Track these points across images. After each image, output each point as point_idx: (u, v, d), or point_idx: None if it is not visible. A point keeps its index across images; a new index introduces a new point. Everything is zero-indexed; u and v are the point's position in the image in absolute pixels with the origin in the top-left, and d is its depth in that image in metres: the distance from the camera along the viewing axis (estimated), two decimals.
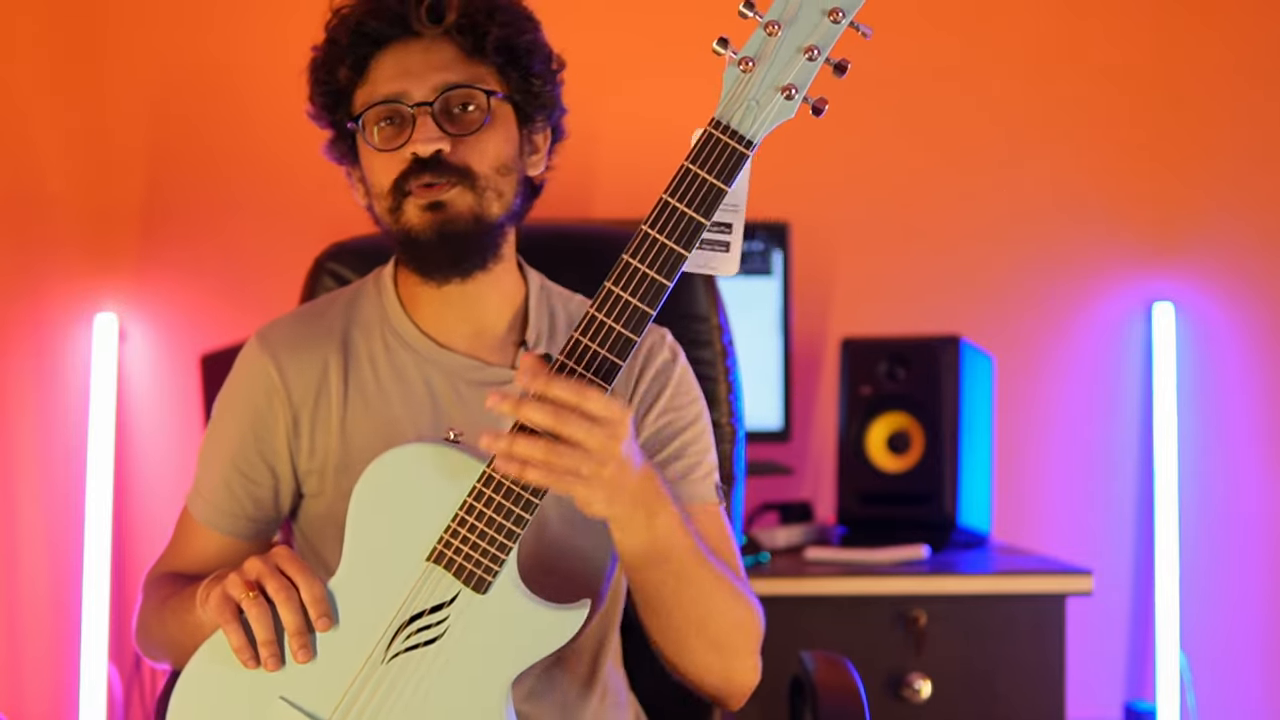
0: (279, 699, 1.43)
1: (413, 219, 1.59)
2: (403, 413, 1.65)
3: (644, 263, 1.36)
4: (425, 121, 1.58)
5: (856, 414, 2.80)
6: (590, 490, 1.37)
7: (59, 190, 3.05)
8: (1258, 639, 3.15)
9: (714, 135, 1.37)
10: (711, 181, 1.37)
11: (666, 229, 1.36)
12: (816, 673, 1.76)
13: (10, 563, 3.02)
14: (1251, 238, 3.18)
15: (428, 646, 1.41)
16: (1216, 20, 3.18)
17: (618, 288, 1.36)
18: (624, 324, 1.35)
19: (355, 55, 1.62)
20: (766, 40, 1.36)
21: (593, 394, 1.33)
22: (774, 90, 1.36)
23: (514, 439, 1.33)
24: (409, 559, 1.41)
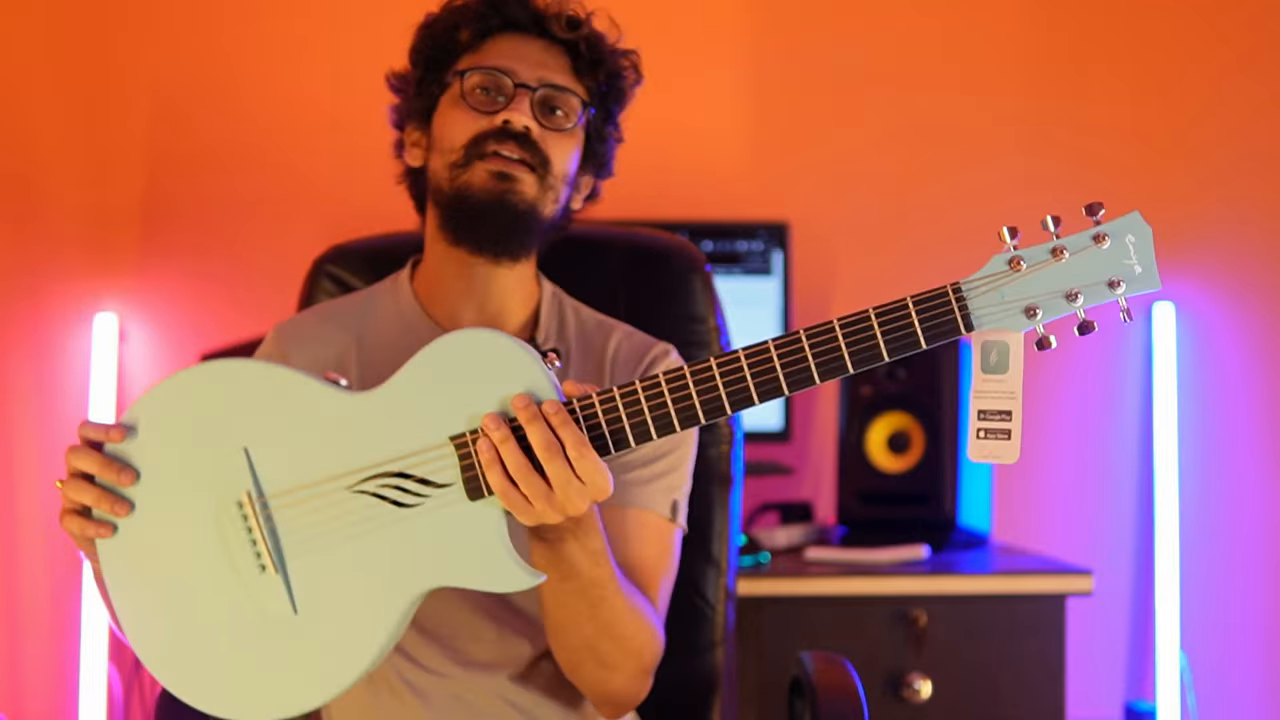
0: (242, 449, 1.43)
1: (477, 180, 1.63)
2: None
3: (812, 350, 1.33)
4: (524, 100, 1.65)
5: (856, 414, 2.80)
6: (528, 519, 1.38)
7: (59, 190, 3.05)
8: (1258, 639, 3.15)
9: (948, 296, 1.33)
10: (916, 330, 1.32)
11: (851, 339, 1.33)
12: (816, 673, 1.76)
13: (10, 563, 3.02)
14: (1251, 238, 3.18)
15: (392, 506, 1.40)
16: (1217, 19, 3.18)
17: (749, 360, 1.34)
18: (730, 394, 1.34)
19: (482, 25, 1.70)
20: (1047, 259, 1.35)
21: (589, 455, 1.34)
22: (1022, 304, 1.34)
23: (508, 439, 1.35)
24: (437, 427, 1.39)
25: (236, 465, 1.42)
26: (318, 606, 1.41)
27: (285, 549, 1.42)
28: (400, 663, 1.70)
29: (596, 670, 1.59)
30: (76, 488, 1.44)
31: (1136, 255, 1.38)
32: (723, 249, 2.92)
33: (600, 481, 1.35)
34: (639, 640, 1.59)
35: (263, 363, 1.45)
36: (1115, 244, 1.37)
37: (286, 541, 1.42)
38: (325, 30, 3.08)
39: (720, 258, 2.90)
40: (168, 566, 1.44)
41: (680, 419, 1.35)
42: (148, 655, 1.45)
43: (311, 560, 1.41)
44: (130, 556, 1.46)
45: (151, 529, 1.44)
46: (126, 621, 1.47)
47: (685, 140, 3.11)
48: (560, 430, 1.34)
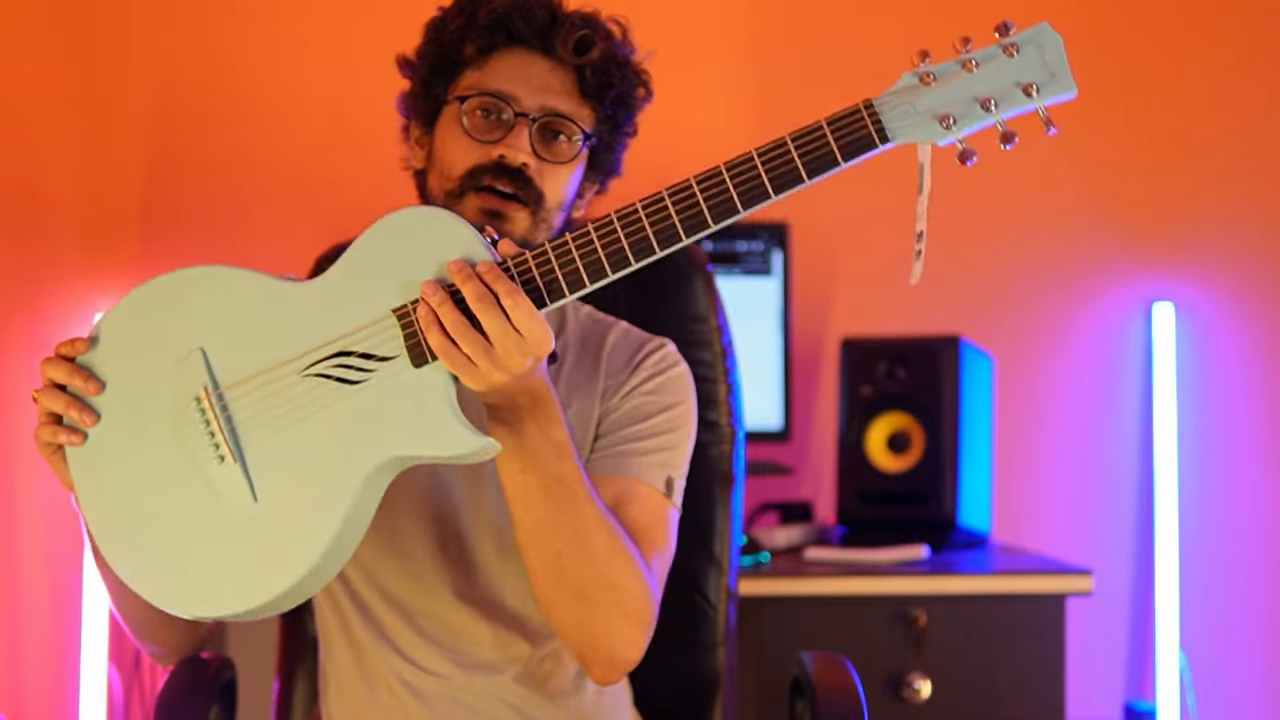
0: (199, 349, 1.46)
1: (468, 214, 1.61)
2: None
3: (735, 179, 1.40)
4: (522, 132, 1.62)
5: (856, 414, 2.80)
6: (476, 382, 1.38)
7: (59, 190, 3.05)
8: (1258, 639, 3.15)
9: (860, 112, 1.39)
10: (833, 148, 1.39)
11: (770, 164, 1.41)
12: (815, 673, 1.76)
13: (10, 563, 3.02)
14: (1251, 238, 3.18)
15: (340, 384, 1.41)
16: (1217, 19, 3.18)
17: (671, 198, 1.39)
18: (657, 231, 1.38)
19: (488, 40, 1.66)
20: (957, 71, 1.39)
21: (525, 304, 1.36)
22: (934, 112, 1.38)
23: (445, 301, 1.37)
24: (380, 303, 1.41)
25: (193, 364, 1.45)
26: (276, 491, 1.42)
27: (241, 438, 1.43)
28: (400, 665, 1.70)
29: (576, 606, 1.54)
30: (50, 396, 1.50)
31: (1048, 62, 1.42)
32: (723, 249, 2.92)
33: (537, 332, 1.37)
34: (617, 569, 1.54)
35: (217, 266, 1.49)
36: (1026, 53, 1.41)
37: (242, 430, 1.43)
38: (326, 30, 3.08)
39: (720, 258, 2.90)
40: (133, 472, 1.46)
41: (610, 262, 1.38)
42: (122, 567, 1.47)
43: (267, 446, 1.43)
44: (98, 467, 1.48)
45: (117, 436, 1.47)
46: (100, 534, 1.48)
47: (686, 140, 3.11)
48: (494, 284, 1.36)
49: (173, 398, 1.45)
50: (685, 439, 1.71)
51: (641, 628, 1.58)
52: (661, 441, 1.68)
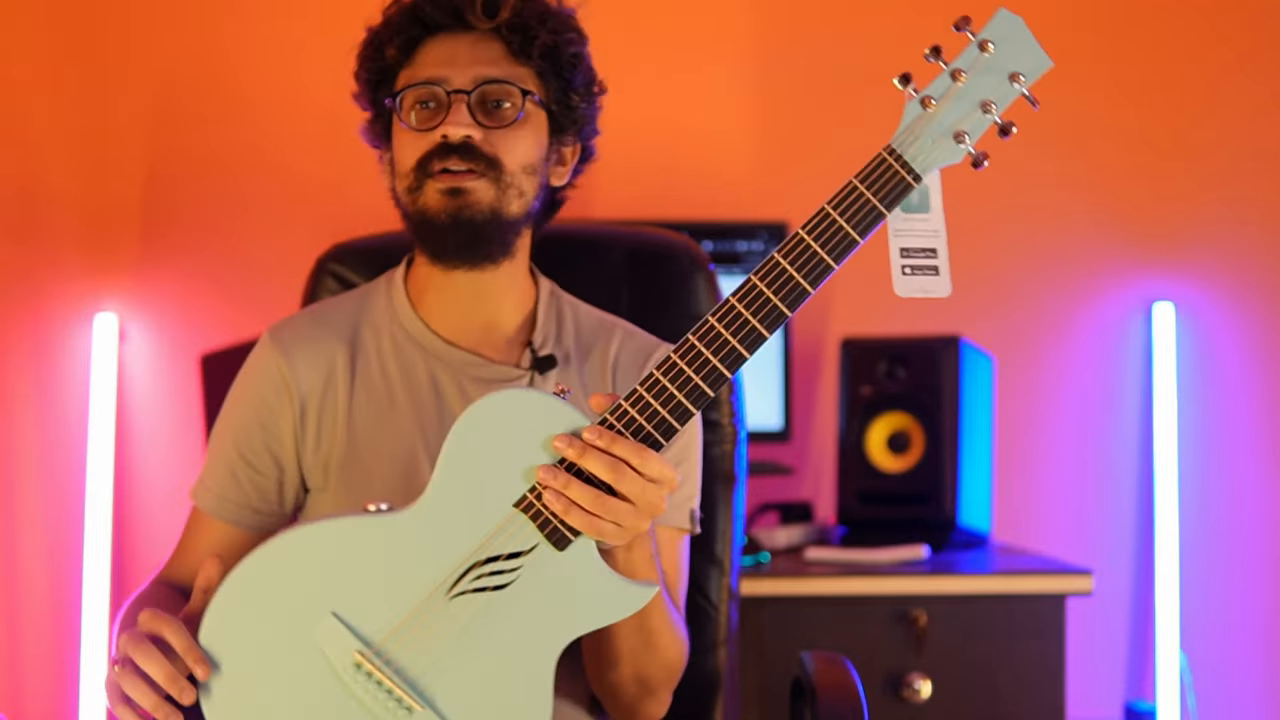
0: (331, 614, 1.41)
1: (430, 201, 1.62)
2: (407, 408, 1.67)
3: (793, 264, 1.40)
4: (460, 108, 1.62)
5: (856, 414, 2.80)
6: (624, 538, 1.40)
7: (59, 190, 3.05)
8: (1258, 639, 3.15)
9: (886, 160, 1.44)
10: (874, 203, 1.43)
11: (823, 239, 1.42)
12: (816, 673, 1.76)
13: (10, 563, 3.02)
14: (1251, 238, 3.18)
15: (495, 592, 1.40)
16: (1217, 19, 3.18)
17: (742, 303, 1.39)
18: (739, 337, 1.39)
19: (405, 37, 1.67)
20: (950, 85, 1.43)
21: (652, 457, 1.37)
22: (948, 132, 1.43)
23: (570, 481, 1.37)
24: (498, 501, 1.40)
25: (334, 632, 1.41)
26: (479, 716, 1.41)
27: (419, 683, 1.41)
28: None
29: (636, 691, 1.61)
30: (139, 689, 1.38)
31: (1020, 45, 1.45)
32: (723, 249, 2.91)
33: (669, 473, 1.38)
34: (673, 654, 1.61)
35: (302, 528, 1.43)
36: (1000, 44, 1.44)
37: (417, 675, 1.41)
38: (325, 30, 3.08)
39: (720, 258, 2.90)
40: None
41: (708, 383, 1.39)
42: None
43: (449, 680, 1.41)
44: None
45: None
46: None
47: (687, 140, 3.11)
48: (614, 448, 1.37)
49: (327, 672, 1.41)
50: (699, 461, 1.73)
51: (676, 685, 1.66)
52: (690, 480, 1.71)
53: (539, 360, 1.69)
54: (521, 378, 1.68)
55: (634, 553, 1.48)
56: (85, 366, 3.00)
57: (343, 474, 1.66)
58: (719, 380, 1.39)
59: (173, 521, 3.00)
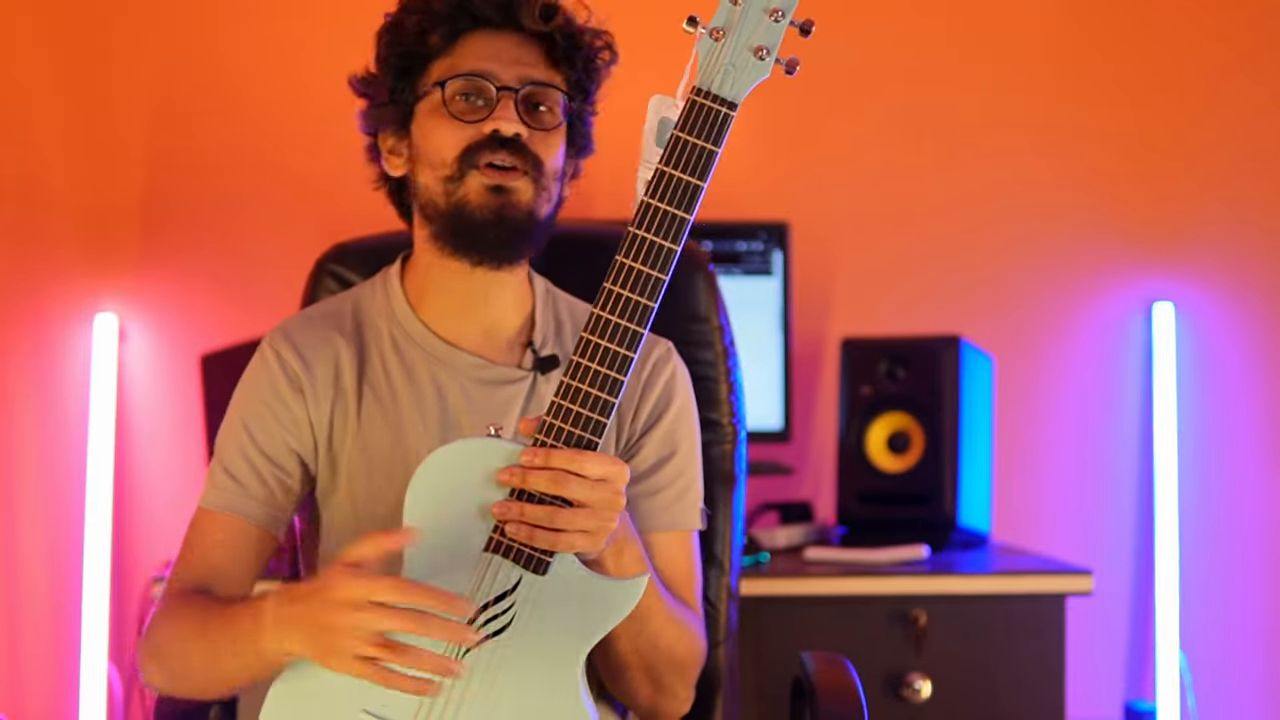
0: (362, 712, 1.44)
1: (473, 194, 1.60)
2: (411, 411, 1.66)
3: (652, 231, 1.43)
4: (508, 104, 1.61)
5: (856, 414, 2.80)
6: (596, 544, 1.43)
7: (59, 190, 3.05)
8: (1258, 639, 3.15)
9: (698, 102, 1.45)
10: (702, 145, 1.44)
11: (669, 197, 1.43)
12: (816, 673, 1.76)
13: (10, 563, 3.02)
14: (1251, 238, 3.18)
15: (497, 636, 1.43)
16: (1217, 19, 3.18)
17: (618, 285, 1.43)
18: (629, 318, 1.42)
19: (451, 27, 1.65)
20: (733, 9, 1.46)
21: (589, 458, 1.40)
22: (747, 52, 1.46)
23: (522, 507, 1.40)
24: (467, 553, 1.43)
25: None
26: None
27: None
28: None
29: (649, 689, 1.64)
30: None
31: None
32: (723, 249, 2.91)
33: (613, 469, 1.41)
34: (682, 649, 1.63)
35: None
36: None
37: None
38: (325, 30, 3.08)
39: (720, 258, 2.90)
40: None
41: (615, 369, 1.42)
42: None
43: None
44: None
45: None
46: None
47: None
48: (550, 462, 1.40)
49: None
50: (697, 453, 1.74)
51: (695, 680, 1.68)
52: (689, 475, 1.71)
53: (541, 361, 1.68)
54: (523, 379, 1.68)
55: (623, 557, 1.50)
56: (85, 366, 3.00)
57: (351, 478, 1.65)
58: (624, 362, 1.42)
59: (172, 521, 3.01)
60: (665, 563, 1.66)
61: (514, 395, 1.67)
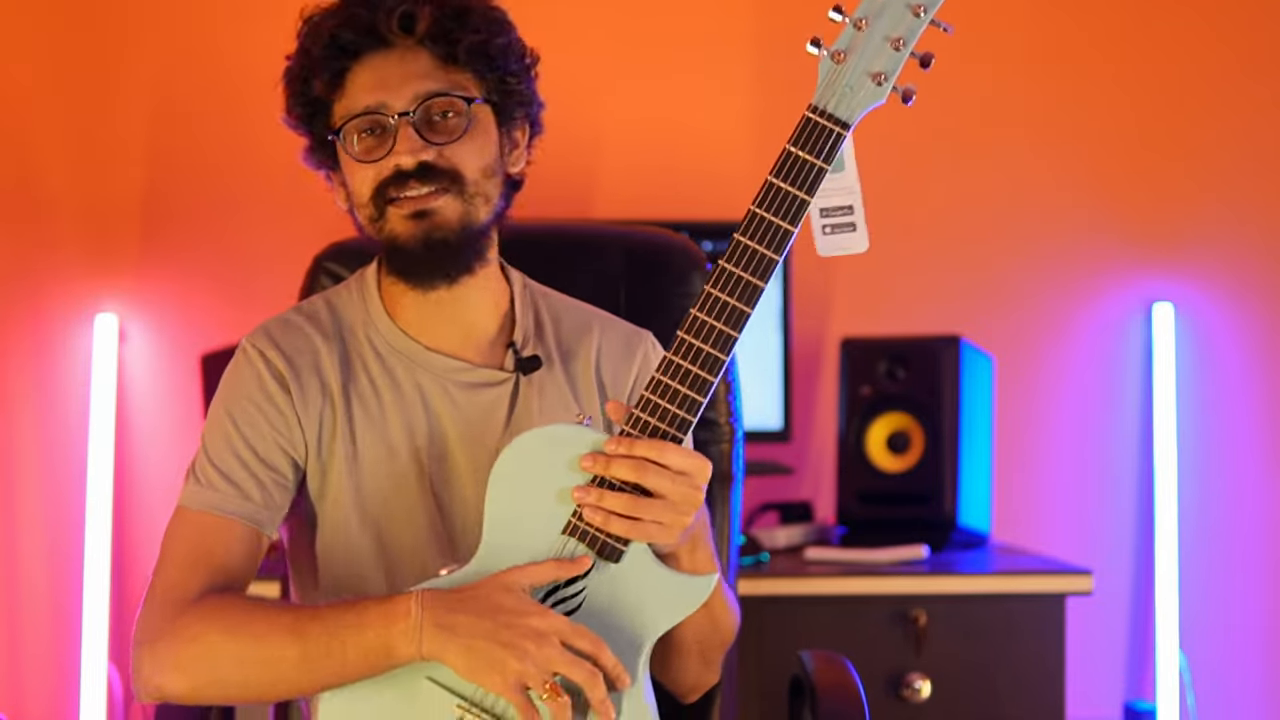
0: (425, 679, 1.45)
1: (397, 227, 1.60)
2: (396, 416, 1.65)
3: (754, 239, 1.46)
4: (407, 132, 1.58)
5: (856, 414, 2.80)
6: (671, 537, 1.45)
7: (59, 190, 3.05)
8: (1258, 639, 3.15)
9: (812, 119, 1.48)
10: (812, 161, 1.47)
11: (774, 208, 1.46)
12: (816, 672, 1.76)
13: (10, 563, 3.02)
14: (1251, 238, 3.18)
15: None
16: (1217, 19, 3.18)
17: (717, 288, 1.47)
18: (725, 321, 1.46)
19: (330, 68, 1.63)
20: (856, 34, 1.49)
21: (671, 449, 1.43)
22: (865, 77, 1.48)
23: (602, 493, 1.43)
24: (546, 534, 1.46)
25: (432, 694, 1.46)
26: None
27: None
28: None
29: (699, 669, 1.67)
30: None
31: None
32: (723, 249, 2.89)
33: (695, 463, 1.44)
34: (731, 626, 1.67)
35: None
36: None
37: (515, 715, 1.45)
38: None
39: (720, 258, 2.90)
40: None
41: (707, 370, 1.45)
42: None
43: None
44: None
45: None
46: None
47: (686, 140, 3.11)
48: (634, 451, 1.42)
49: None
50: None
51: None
52: None
53: (522, 361, 1.67)
54: (506, 380, 1.67)
55: (697, 553, 1.52)
56: (85, 366, 3.00)
57: (341, 483, 1.63)
58: (716, 365, 1.45)
59: None
60: None
61: (498, 398, 1.66)
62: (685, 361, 1.45)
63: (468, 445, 1.64)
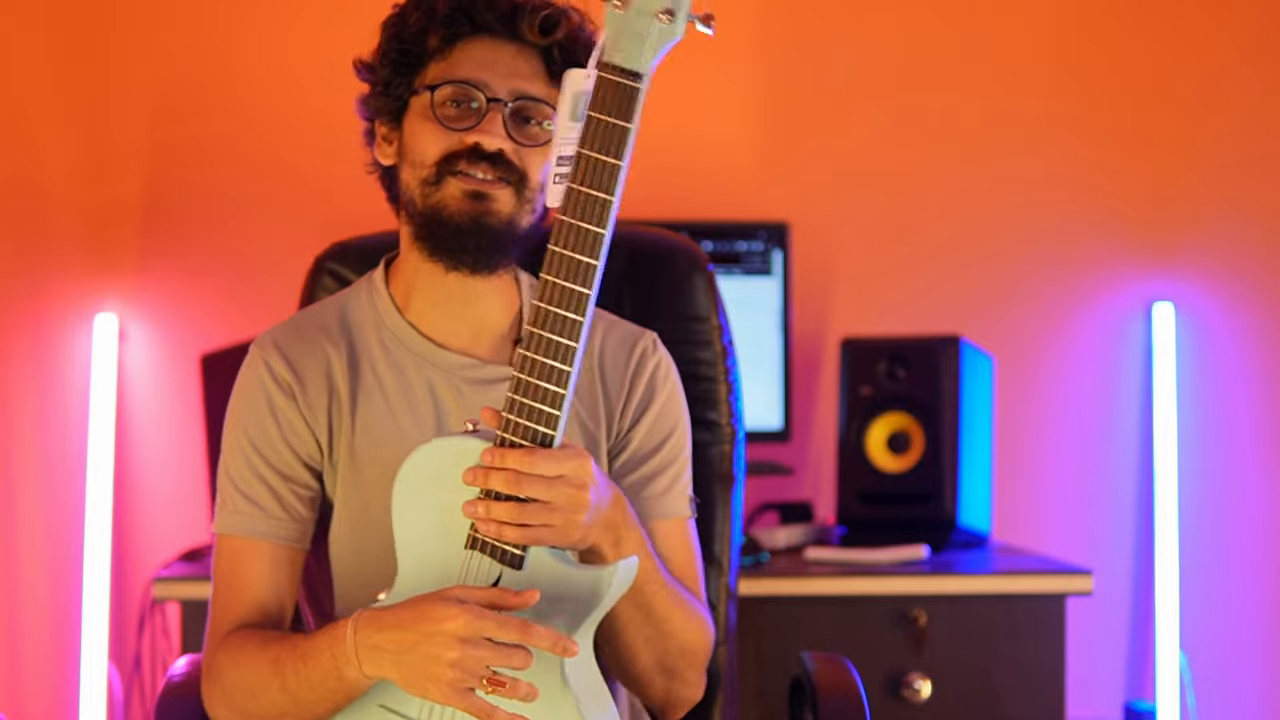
0: (378, 706, 1.48)
1: (450, 199, 1.60)
2: (406, 415, 1.65)
3: (574, 215, 1.42)
4: (495, 117, 1.60)
5: (856, 414, 2.80)
6: (568, 538, 1.44)
7: (59, 190, 3.05)
8: (1258, 639, 3.15)
9: (604, 77, 1.42)
10: (614, 123, 1.42)
11: (589, 179, 1.42)
12: (816, 673, 1.76)
13: (10, 563, 3.02)
14: (1251, 238, 3.18)
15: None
16: (1217, 18, 3.17)
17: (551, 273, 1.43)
18: (567, 307, 1.42)
19: (451, 30, 1.63)
20: None
21: (541, 457, 1.41)
22: (650, 18, 1.40)
23: (490, 505, 1.42)
24: (451, 550, 1.46)
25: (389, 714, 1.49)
26: None
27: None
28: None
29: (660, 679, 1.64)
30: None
31: None
32: (723, 249, 2.92)
33: (569, 466, 1.42)
34: (691, 634, 1.63)
35: None
36: None
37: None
38: (324, 30, 3.08)
39: (720, 258, 2.90)
40: None
41: (559, 359, 1.42)
42: None
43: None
44: None
45: None
46: None
47: (686, 140, 3.11)
48: (504, 462, 1.41)
49: None
50: (689, 442, 1.74)
51: (705, 666, 1.69)
52: (679, 464, 1.71)
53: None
54: None
55: (623, 545, 1.51)
56: (85, 366, 3.00)
57: (350, 484, 1.64)
58: (568, 353, 1.42)
59: (173, 521, 3.02)
60: (666, 551, 1.65)
61: None
62: (537, 354, 1.43)
63: None
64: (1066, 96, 3.16)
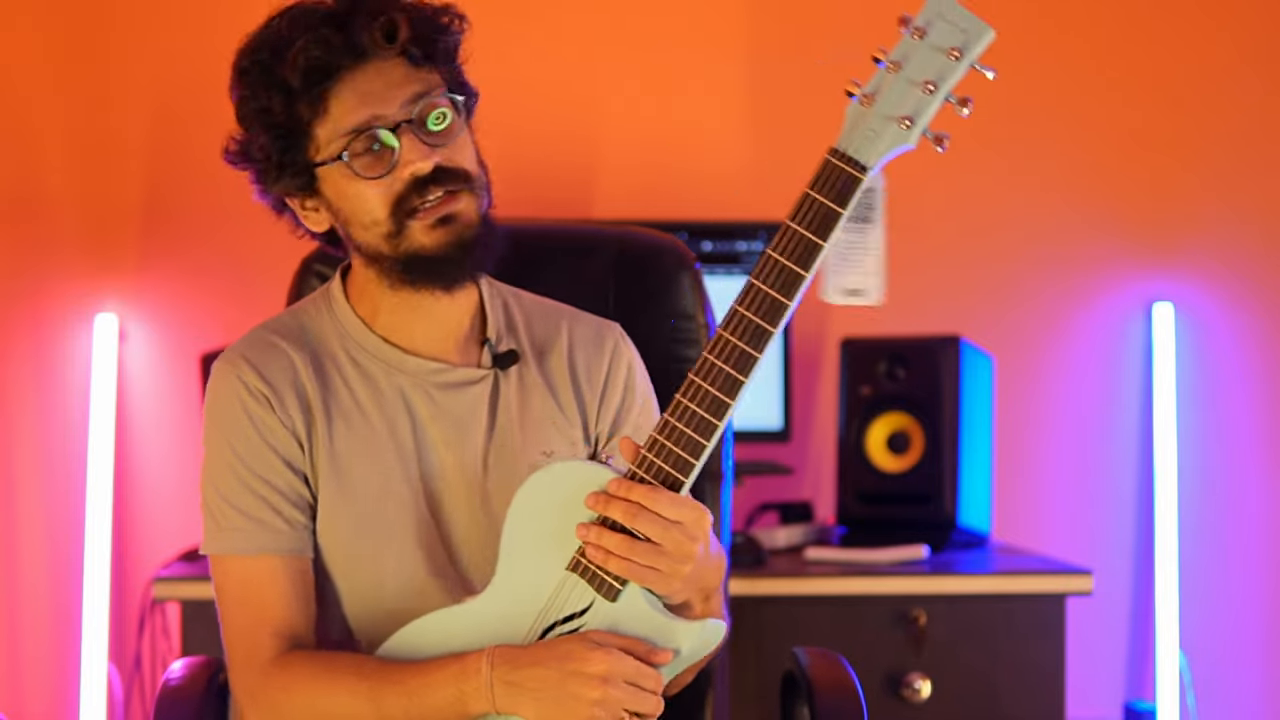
0: None
1: (423, 239, 1.57)
2: (381, 424, 1.63)
3: (765, 282, 1.46)
4: (411, 140, 1.56)
5: (856, 414, 2.80)
6: (668, 584, 1.47)
7: (59, 190, 3.06)
8: (1258, 639, 3.15)
9: (830, 162, 1.48)
10: (829, 206, 1.47)
11: (788, 251, 1.46)
12: (811, 667, 1.76)
13: (10, 563, 3.03)
14: (1251, 238, 3.18)
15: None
16: (1217, 18, 3.17)
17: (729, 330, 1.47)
18: (734, 365, 1.46)
19: (311, 92, 1.58)
20: (885, 77, 1.47)
21: (664, 497, 1.44)
22: (889, 121, 1.47)
23: (602, 531, 1.45)
24: (552, 568, 1.49)
25: None
26: None
27: None
28: None
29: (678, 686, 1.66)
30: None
31: (955, 23, 1.50)
32: (722, 249, 2.91)
33: (689, 514, 1.45)
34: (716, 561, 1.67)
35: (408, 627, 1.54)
36: (934, 27, 1.49)
37: None
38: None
39: (720, 258, 2.90)
40: None
41: (712, 413, 1.45)
42: None
43: None
44: None
45: None
46: None
47: (685, 140, 3.11)
48: (630, 495, 1.44)
49: None
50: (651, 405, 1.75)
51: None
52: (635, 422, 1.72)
53: (499, 358, 1.66)
54: (485, 378, 1.66)
55: (710, 603, 1.55)
56: (85, 366, 3.00)
57: (329, 498, 1.62)
58: (722, 408, 1.45)
59: (173, 522, 3.02)
60: None
61: (478, 396, 1.65)
62: (692, 404, 1.45)
63: (452, 445, 1.63)
64: (1066, 97, 3.16)
